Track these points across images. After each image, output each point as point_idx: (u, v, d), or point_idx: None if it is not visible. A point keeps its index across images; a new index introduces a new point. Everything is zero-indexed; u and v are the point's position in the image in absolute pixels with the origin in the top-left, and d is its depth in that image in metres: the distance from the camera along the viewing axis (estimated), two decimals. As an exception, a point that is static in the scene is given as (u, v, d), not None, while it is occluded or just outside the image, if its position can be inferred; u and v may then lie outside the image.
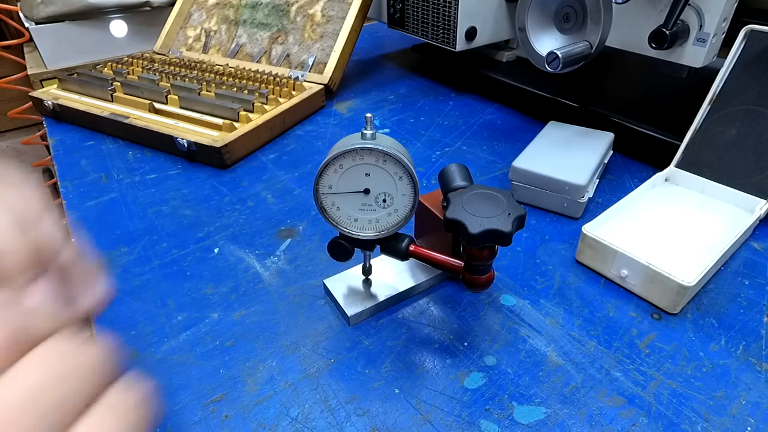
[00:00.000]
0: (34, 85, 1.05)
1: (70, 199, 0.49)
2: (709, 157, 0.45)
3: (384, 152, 0.29)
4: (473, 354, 0.33)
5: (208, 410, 0.30)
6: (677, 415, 0.29)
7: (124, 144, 0.59)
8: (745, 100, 0.44)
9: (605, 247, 0.37)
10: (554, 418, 0.29)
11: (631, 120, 0.53)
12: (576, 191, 0.43)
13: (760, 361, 0.32)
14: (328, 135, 0.61)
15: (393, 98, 0.70)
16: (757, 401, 0.30)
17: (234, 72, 0.69)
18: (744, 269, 0.39)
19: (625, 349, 0.33)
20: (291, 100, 0.62)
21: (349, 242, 0.33)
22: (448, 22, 0.61)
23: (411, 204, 0.31)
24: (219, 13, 0.79)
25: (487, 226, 0.27)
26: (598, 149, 0.47)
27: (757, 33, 0.44)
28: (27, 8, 1.01)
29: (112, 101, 0.64)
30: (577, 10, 0.48)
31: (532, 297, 0.37)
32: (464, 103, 0.68)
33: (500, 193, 0.30)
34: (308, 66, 0.69)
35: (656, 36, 0.46)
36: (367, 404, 0.30)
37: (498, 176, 0.52)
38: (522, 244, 0.42)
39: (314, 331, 0.35)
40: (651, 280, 0.35)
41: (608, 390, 0.31)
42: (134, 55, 0.75)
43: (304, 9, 0.73)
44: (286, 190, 0.50)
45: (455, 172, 0.34)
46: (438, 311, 0.36)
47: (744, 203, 0.42)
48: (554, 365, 0.32)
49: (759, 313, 0.36)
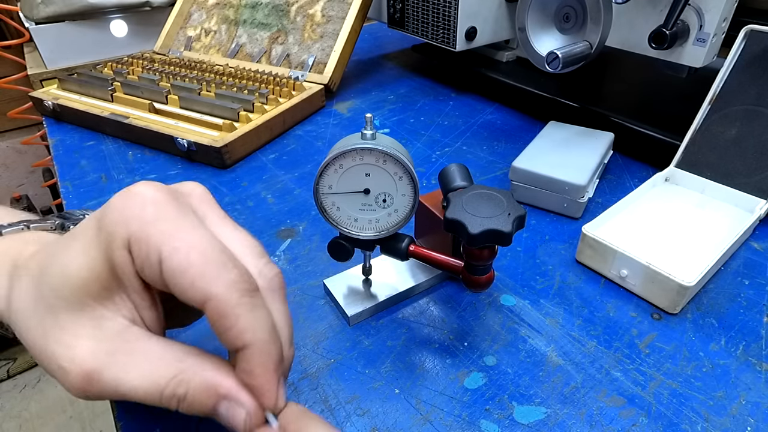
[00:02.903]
0: (34, 85, 1.05)
1: (70, 199, 0.49)
2: (709, 157, 0.45)
3: (384, 152, 0.29)
4: (473, 354, 0.33)
5: (208, 410, 0.30)
6: (677, 415, 0.29)
7: (124, 144, 0.59)
8: (745, 100, 0.44)
9: (605, 247, 0.37)
10: (554, 418, 0.29)
11: (631, 120, 0.53)
12: (576, 191, 0.43)
13: (760, 361, 0.32)
14: (328, 135, 0.61)
15: (393, 98, 0.70)
16: (757, 401, 0.30)
17: (234, 72, 0.69)
18: (744, 269, 0.39)
19: (625, 349, 0.33)
20: (291, 100, 0.62)
21: (349, 242, 0.33)
22: (448, 22, 0.61)
23: (411, 204, 0.31)
24: (219, 13, 0.79)
25: (487, 226, 0.27)
26: (598, 149, 0.47)
27: (757, 33, 0.44)
28: (27, 8, 1.01)
29: (112, 101, 0.64)
30: (577, 10, 0.48)
31: (532, 297, 0.37)
32: (464, 103, 0.68)
33: (500, 193, 0.30)
34: (308, 66, 0.69)
35: (656, 36, 0.46)
36: (367, 404, 0.30)
37: (498, 176, 0.52)
38: (522, 244, 0.42)
39: (314, 331, 0.35)
40: (651, 280, 0.35)
41: (608, 390, 0.31)
42: (134, 55, 0.75)
43: (304, 9, 0.73)
44: (286, 190, 0.50)
45: (455, 172, 0.34)
46: (438, 311, 0.36)
47: (744, 203, 0.42)
48: (554, 365, 0.32)
49: (759, 313, 0.36)
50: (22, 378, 1.41)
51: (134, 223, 0.21)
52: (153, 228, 0.21)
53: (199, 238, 0.21)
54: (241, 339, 0.20)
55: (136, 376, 0.21)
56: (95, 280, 0.21)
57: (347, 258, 0.34)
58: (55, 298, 0.21)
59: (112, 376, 0.21)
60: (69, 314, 0.21)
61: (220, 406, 0.21)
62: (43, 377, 1.42)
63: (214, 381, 0.21)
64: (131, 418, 0.29)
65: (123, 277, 0.21)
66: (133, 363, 0.21)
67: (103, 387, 0.21)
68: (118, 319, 0.22)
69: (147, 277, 0.21)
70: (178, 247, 0.20)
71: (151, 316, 0.23)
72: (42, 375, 1.42)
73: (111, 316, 0.22)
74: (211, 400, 0.21)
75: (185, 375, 0.21)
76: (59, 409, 1.34)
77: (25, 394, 1.38)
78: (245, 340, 0.20)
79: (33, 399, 1.36)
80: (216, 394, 0.21)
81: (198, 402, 0.21)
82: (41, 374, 1.42)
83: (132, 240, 0.21)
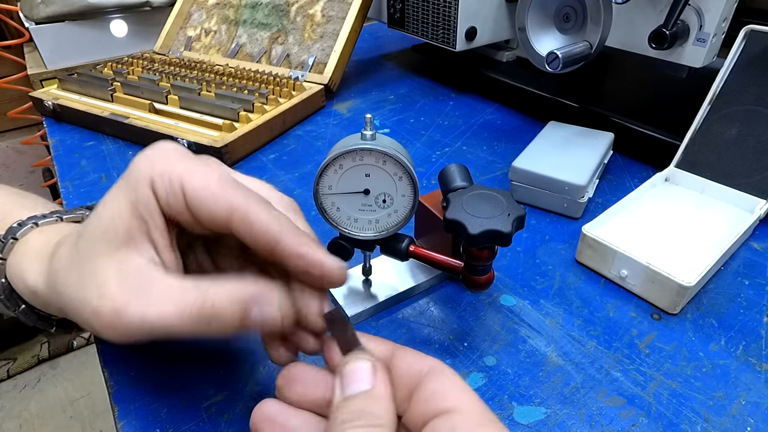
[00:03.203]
0: (34, 85, 1.05)
1: (70, 199, 0.50)
2: (709, 157, 0.45)
3: (384, 153, 0.29)
4: (473, 354, 0.33)
5: (209, 411, 0.30)
6: (677, 416, 0.29)
7: (124, 144, 0.59)
8: (745, 100, 0.44)
9: (605, 247, 0.37)
10: (554, 418, 0.29)
11: (631, 120, 0.53)
12: (576, 191, 0.43)
13: (760, 361, 0.32)
14: (328, 135, 0.61)
15: (393, 98, 0.70)
16: (757, 401, 0.30)
17: (234, 72, 0.69)
18: (744, 269, 0.39)
19: (625, 350, 0.33)
20: (291, 100, 0.62)
21: (349, 242, 0.33)
22: (448, 22, 0.61)
23: (411, 204, 0.31)
24: (219, 13, 0.79)
25: (487, 226, 0.27)
26: (598, 149, 0.47)
27: (757, 33, 0.44)
28: (27, 8, 1.01)
29: (112, 101, 0.64)
30: (577, 10, 0.48)
31: (532, 297, 0.37)
32: (464, 103, 0.68)
33: (500, 193, 0.30)
34: (308, 66, 0.69)
35: (656, 36, 0.46)
36: (367, 404, 0.30)
37: (498, 176, 0.52)
38: (522, 245, 0.42)
39: (314, 331, 0.35)
40: (651, 280, 0.35)
41: (608, 390, 0.31)
42: (134, 55, 0.75)
43: (304, 9, 0.73)
44: (286, 190, 0.50)
45: (455, 172, 0.34)
46: (438, 311, 0.36)
47: (744, 203, 0.42)
48: (554, 365, 0.32)
49: (759, 313, 0.36)
50: (22, 378, 1.41)
51: (158, 164, 0.23)
52: (176, 164, 0.23)
53: (214, 169, 0.24)
54: (272, 230, 0.22)
55: (161, 306, 0.22)
56: (120, 222, 0.23)
57: (347, 258, 0.34)
58: (89, 247, 0.24)
59: (138, 310, 0.22)
60: (100, 259, 0.23)
61: (251, 312, 0.22)
62: (43, 377, 1.42)
63: (237, 290, 0.22)
64: (131, 418, 0.29)
65: (146, 214, 0.23)
66: (156, 296, 0.23)
67: (131, 320, 0.22)
68: (139, 259, 0.23)
69: (172, 207, 0.23)
70: (198, 174, 0.23)
71: (171, 257, 0.25)
72: (42, 375, 1.42)
73: (133, 255, 0.23)
74: (239, 309, 0.22)
75: (208, 293, 0.22)
76: (59, 409, 1.34)
77: (25, 394, 1.38)
78: (275, 230, 0.22)
79: (33, 399, 1.36)
80: (242, 300, 0.22)
81: (228, 314, 0.22)
82: (41, 374, 1.42)
83: (155, 177, 0.23)
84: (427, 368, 0.22)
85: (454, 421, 0.20)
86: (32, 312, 0.29)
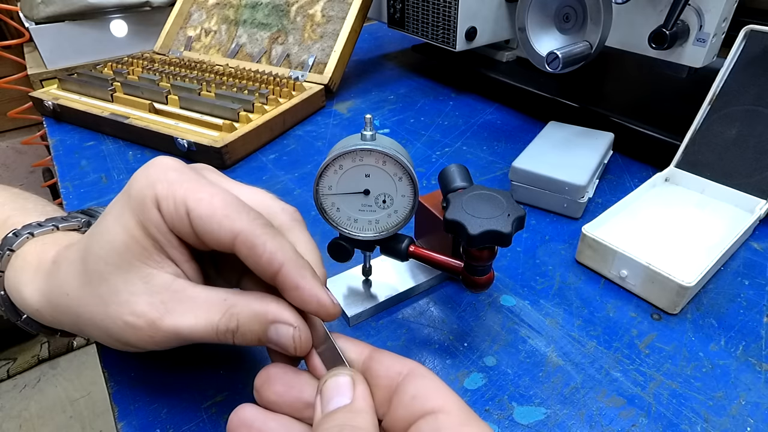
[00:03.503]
0: (34, 85, 1.05)
1: (70, 199, 0.50)
2: (709, 157, 0.45)
3: (383, 153, 0.29)
4: (473, 354, 0.33)
5: (209, 412, 0.30)
6: (677, 416, 0.29)
7: (124, 144, 0.59)
8: (745, 100, 0.44)
9: (605, 247, 0.37)
10: (554, 418, 0.29)
11: (631, 120, 0.53)
12: (576, 191, 0.43)
13: (760, 362, 0.32)
14: (328, 135, 0.61)
15: (393, 98, 0.70)
16: (756, 401, 0.30)
17: (234, 72, 0.69)
18: (744, 269, 0.39)
19: (624, 350, 0.33)
20: (291, 101, 0.62)
21: (349, 243, 0.33)
22: (448, 22, 0.61)
23: (411, 205, 0.31)
24: (219, 13, 0.79)
25: (487, 227, 0.28)
26: (598, 149, 0.47)
27: (757, 33, 0.44)
28: (27, 8, 1.01)
29: (112, 101, 0.64)
30: (577, 10, 0.48)
31: (532, 297, 0.37)
32: (464, 103, 0.68)
33: (500, 193, 0.30)
34: (308, 66, 0.69)
35: (656, 36, 0.46)
36: (367, 405, 0.30)
37: (498, 176, 0.52)
38: (522, 245, 0.42)
39: (314, 331, 0.35)
40: (651, 280, 0.35)
41: (608, 390, 0.31)
42: (134, 55, 0.75)
43: (304, 9, 0.73)
44: (286, 190, 0.50)
45: (455, 172, 0.34)
46: (438, 312, 0.36)
47: (744, 203, 0.42)
48: (554, 366, 0.32)
49: (759, 313, 0.36)
50: (22, 378, 1.41)
51: (160, 185, 0.23)
52: (177, 186, 0.23)
53: (217, 190, 0.24)
54: (275, 260, 0.23)
55: (191, 319, 0.23)
56: (135, 242, 0.24)
57: (347, 259, 0.34)
58: (104, 266, 0.24)
59: (171, 322, 0.23)
60: (119, 277, 0.24)
61: (270, 330, 0.23)
62: (43, 377, 1.42)
63: (261, 309, 0.23)
64: (131, 418, 0.29)
65: (158, 235, 0.24)
66: (185, 308, 0.24)
67: (166, 332, 0.24)
68: (164, 275, 0.24)
69: (178, 230, 0.24)
70: (201, 197, 0.23)
71: (191, 268, 0.25)
72: (42, 375, 1.42)
73: (156, 272, 0.24)
74: (262, 327, 0.23)
75: (235, 309, 0.23)
76: (59, 409, 1.34)
77: (25, 394, 1.38)
78: (278, 260, 0.23)
79: (33, 399, 1.36)
80: (265, 320, 0.23)
81: (250, 331, 0.23)
82: (41, 374, 1.42)
83: (160, 198, 0.23)
84: (407, 371, 0.22)
85: (439, 421, 0.20)
86: (34, 321, 0.29)
